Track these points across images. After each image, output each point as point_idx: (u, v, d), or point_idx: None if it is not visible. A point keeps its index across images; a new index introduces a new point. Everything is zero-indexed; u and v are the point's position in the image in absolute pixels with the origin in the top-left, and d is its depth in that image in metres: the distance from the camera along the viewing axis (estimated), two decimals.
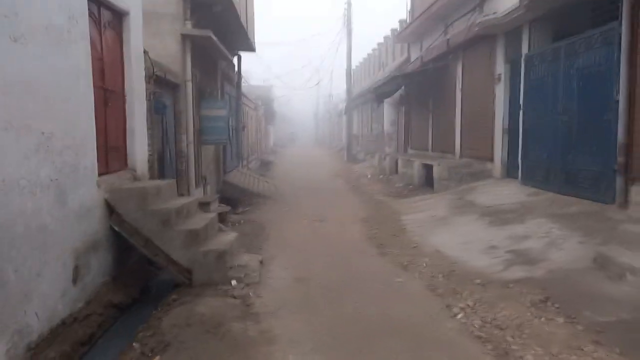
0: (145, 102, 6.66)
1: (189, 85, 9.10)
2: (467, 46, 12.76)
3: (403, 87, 18.24)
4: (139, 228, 5.20)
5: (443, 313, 4.50)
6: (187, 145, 9.10)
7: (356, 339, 4.04)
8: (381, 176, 17.24)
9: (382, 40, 26.81)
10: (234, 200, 12.30)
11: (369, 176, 17.84)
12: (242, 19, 12.11)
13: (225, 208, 10.08)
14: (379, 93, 18.66)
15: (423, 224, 8.36)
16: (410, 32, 18.31)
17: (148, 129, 6.83)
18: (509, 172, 10.85)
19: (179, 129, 8.79)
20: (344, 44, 26.51)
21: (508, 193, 9.41)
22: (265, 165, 24.63)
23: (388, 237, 7.74)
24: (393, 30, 23.58)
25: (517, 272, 5.26)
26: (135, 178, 6.12)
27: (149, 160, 6.80)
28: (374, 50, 29.13)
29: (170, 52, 8.72)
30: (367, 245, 7.33)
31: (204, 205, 9.28)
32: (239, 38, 13.41)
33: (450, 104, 14.43)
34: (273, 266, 6.16)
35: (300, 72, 22.23)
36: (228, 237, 6.04)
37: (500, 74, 11.02)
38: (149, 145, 6.84)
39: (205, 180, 10.68)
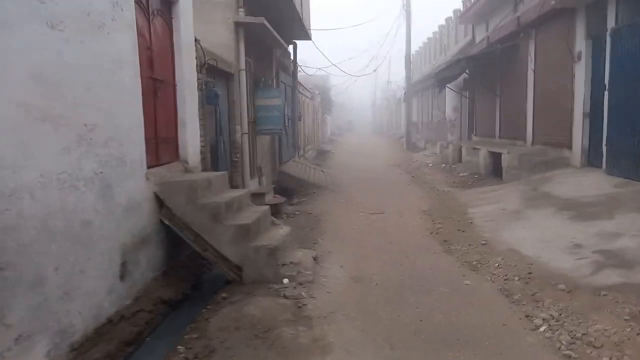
0: (196, 92, 6.46)
1: (243, 74, 8.87)
2: (541, 23, 11.63)
3: (467, 71, 17.15)
4: (189, 222, 4.99)
5: (522, 324, 3.91)
6: (241, 135, 8.90)
7: (419, 351, 3.57)
8: (443, 165, 16.37)
9: (443, 23, 25.52)
10: (290, 190, 12.06)
11: (430, 165, 17.02)
12: (297, 6, 11.75)
13: (280, 199, 9.83)
14: (441, 78, 17.69)
15: (493, 218, 7.64)
16: (475, 12, 17.16)
17: (200, 119, 6.64)
18: (590, 160, 9.77)
19: (233, 120, 8.59)
20: (403, 28, 25.51)
21: (590, 184, 8.43)
22: (322, 155, 24.34)
23: (454, 232, 7.12)
24: (455, 12, 22.32)
25: (610, 277, 4.52)
26: (187, 170, 5.94)
27: (201, 152, 6.62)
28: (434, 33, 27.85)
29: (223, 41, 8.51)
30: (430, 241, 6.76)
31: (258, 197, 9.09)
32: (294, 26, 13.06)
33: (520, 86, 13.31)
34: (328, 263, 5.77)
35: (357, 59, 21.56)
36: (281, 231, 5.72)
37: (580, 52, 9.90)
38: (201, 136, 6.66)
39: (261, 171, 10.48)
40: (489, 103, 16.20)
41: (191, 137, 6.21)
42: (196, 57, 6.50)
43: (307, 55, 22.04)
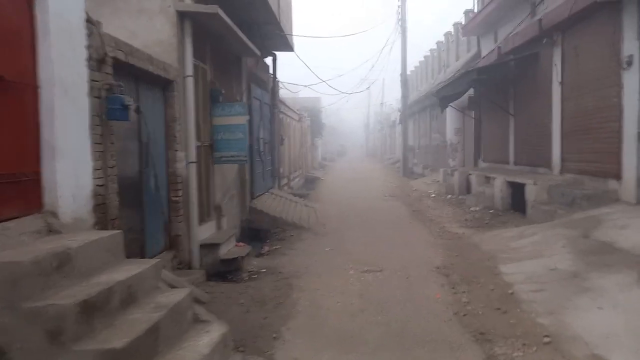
0: (86, 100, 4.08)
1: (190, 83, 6.53)
2: (571, 24, 9.47)
3: (472, 89, 15.01)
4: (3, 345, 2.52)
5: None
6: (186, 166, 6.50)
7: None
8: (449, 196, 14.01)
9: (441, 39, 23.60)
10: (262, 233, 9.62)
11: (433, 196, 14.65)
12: (272, 5, 9.54)
13: (243, 250, 7.37)
14: (443, 96, 15.50)
15: (542, 286, 5.21)
16: (482, 21, 15.12)
17: (98, 143, 4.24)
18: None
19: (172, 144, 6.20)
20: (397, 44, 23.52)
21: None
22: (310, 183, 21.96)
23: (489, 312, 4.68)
24: (456, 25, 20.37)
25: None
26: (53, 229, 3.50)
27: (98, 195, 4.20)
28: (432, 50, 25.94)
29: (161, 37, 6.20)
30: (457, 334, 4.30)
31: (210, 249, 6.68)
32: (271, 32, 10.85)
33: (542, 102, 11.10)
34: None
35: (349, 77, 19.55)
36: (204, 341, 3.24)
37: (631, 56, 7.69)
38: (99, 169, 4.25)
39: (221, 212, 8.05)
40: (500, 124, 13.97)
41: (70, 173, 3.80)
42: (90, 47, 4.15)
43: (294, 73, 19.95)
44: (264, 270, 6.84)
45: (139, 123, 5.39)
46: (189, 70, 6.53)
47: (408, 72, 25.77)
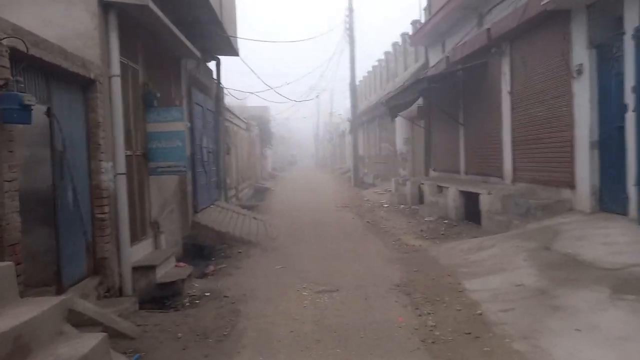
0: None
1: (117, 83, 5.72)
2: (520, 34, 9.45)
3: (421, 98, 14.94)
4: None
5: None
6: (114, 178, 5.67)
7: None
8: (402, 206, 13.76)
9: (389, 49, 23.69)
10: (206, 250, 8.82)
11: (386, 206, 14.35)
12: (214, 4, 8.87)
13: (183, 271, 6.57)
14: (393, 105, 15.35)
15: (510, 304, 4.84)
16: (430, 31, 15.11)
17: None
18: (604, 203, 7.40)
19: (95, 153, 5.36)
20: (346, 53, 23.36)
21: (627, 240, 5.93)
22: (259, 194, 21.20)
23: (460, 339, 4.21)
24: (404, 35, 20.45)
25: None
26: None
27: None
28: (379, 61, 26.03)
29: (80, 30, 5.37)
30: None
31: (145, 271, 5.85)
32: (214, 34, 10.16)
33: (492, 112, 11.06)
34: None
35: (297, 84, 19.07)
36: None
37: (580, 65, 7.66)
38: None
39: (158, 228, 7.21)
40: (450, 133, 13.92)
41: None
42: None
43: (241, 81, 19.21)
44: (208, 294, 6.09)
45: (52, 128, 4.55)
46: (115, 69, 5.72)
47: (357, 82, 25.71)
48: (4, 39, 3.59)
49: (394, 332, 4.48)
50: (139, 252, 6.37)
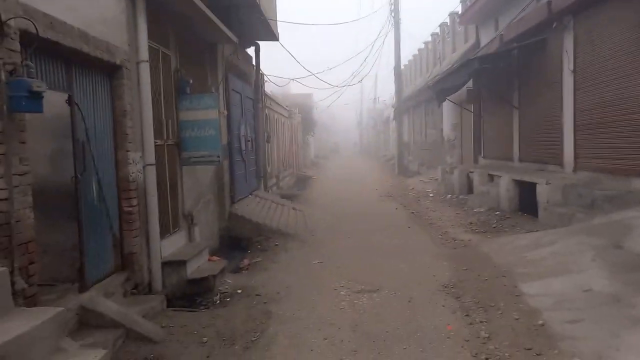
0: None
1: (146, 70, 5.43)
2: (586, 6, 8.46)
3: (471, 81, 14.01)
4: None
5: None
6: (143, 168, 5.41)
7: None
8: (449, 196, 13.00)
9: (437, 31, 22.57)
10: (243, 242, 8.55)
11: (432, 196, 13.63)
12: None
13: (216, 266, 6.28)
14: (441, 89, 14.48)
15: (578, 313, 4.18)
16: (481, 8, 14.10)
17: None
18: None
19: (122, 143, 5.10)
20: (390, 38, 22.43)
21: None
22: (301, 182, 20.89)
23: (520, 356, 3.64)
24: (452, 15, 19.33)
25: None
26: None
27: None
28: (426, 43, 24.91)
29: (105, 14, 5.08)
30: None
31: (176, 266, 5.61)
32: (253, 20, 9.77)
33: (552, 94, 10.09)
34: None
35: (340, 70, 18.44)
36: None
37: None
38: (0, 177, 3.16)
39: (192, 220, 6.96)
40: (503, 117, 12.97)
41: None
42: None
43: (281, 68, 18.85)
44: (240, 291, 5.77)
45: (73, 117, 4.29)
46: (144, 54, 5.42)
47: (402, 66, 24.75)
48: (10, 19, 3.30)
49: (441, 344, 3.95)
50: (170, 246, 6.12)
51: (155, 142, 5.73)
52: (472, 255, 6.79)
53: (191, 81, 6.70)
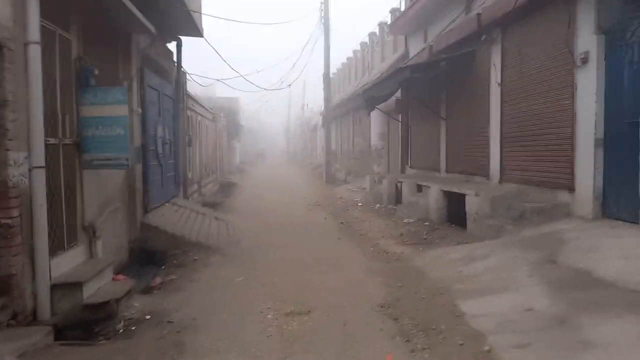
0: None
1: (35, 51, 4.47)
2: (515, 19, 8.59)
3: (400, 91, 14.05)
4: None
5: None
6: (28, 172, 4.44)
7: None
8: (377, 205, 12.82)
9: (365, 40, 22.73)
10: (158, 255, 7.61)
11: (361, 205, 13.41)
12: None
13: (121, 288, 5.37)
14: (370, 97, 14.37)
15: (524, 336, 3.89)
16: (411, 19, 14.19)
17: None
18: (608, 209, 6.63)
19: (2, 139, 4.11)
20: (320, 43, 22.23)
21: None
22: (225, 189, 19.92)
23: None
24: (381, 25, 19.53)
25: None
26: None
27: None
28: (355, 52, 25.07)
29: None
30: None
31: (70, 289, 4.69)
32: (175, 12, 8.90)
33: (479, 105, 10.22)
34: None
35: (268, 73, 17.85)
36: None
37: (586, 52, 6.84)
38: None
39: (94, 232, 5.97)
40: (430, 128, 13.07)
41: None
42: None
43: (207, 68, 17.86)
44: (148, 316, 4.94)
45: None
46: (34, 34, 4.47)
47: (331, 74, 24.66)
48: None
49: None
50: (64, 265, 5.14)
51: (47, 141, 4.78)
52: (406, 270, 6.46)
53: (96, 72, 5.74)
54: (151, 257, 7.61)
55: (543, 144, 7.97)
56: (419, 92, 13.13)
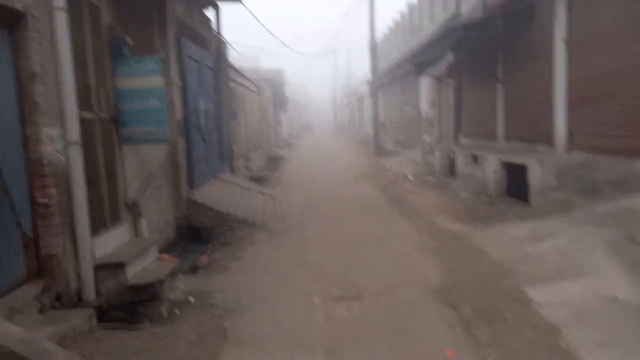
0: None
1: (61, 18, 4.22)
2: None
3: (451, 53, 13.13)
4: None
5: None
6: (64, 148, 4.27)
7: None
8: (429, 177, 12.19)
9: (413, 0, 21.49)
10: (204, 232, 7.49)
11: (411, 178, 12.80)
12: None
13: (165, 268, 5.22)
14: (419, 62, 13.57)
15: (606, 331, 3.37)
16: None
17: None
18: None
19: (31, 115, 3.95)
20: (364, 9, 21.23)
21: None
22: (273, 163, 19.78)
23: None
24: None
25: None
26: None
27: None
28: (402, 15, 23.83)
29: None
30: None
31: (114, 270, 4.57)
32: None
33: (540, 66, 9.25)
34: None
35: (311, 42, 17.22)
36: None
37: None
38: None
39: (138, 210, 5.85)
40: (485, 93, 12.14)
41: None
42: None
43: (249, 39, 17.52)
44: (192, 299, 4.75)
45: None
46: None
47: (377, 40, 23.66)
48: None
49: None
50: (109, 244, 5.04)
51: (82, 115, 4.59)
52: (464, 249, 5.94)
53: (130, 41, 5.49)
54: (197, 234, 7.50)
55: (619, 105, 7.04)
56: (472, 54, 12.16)
